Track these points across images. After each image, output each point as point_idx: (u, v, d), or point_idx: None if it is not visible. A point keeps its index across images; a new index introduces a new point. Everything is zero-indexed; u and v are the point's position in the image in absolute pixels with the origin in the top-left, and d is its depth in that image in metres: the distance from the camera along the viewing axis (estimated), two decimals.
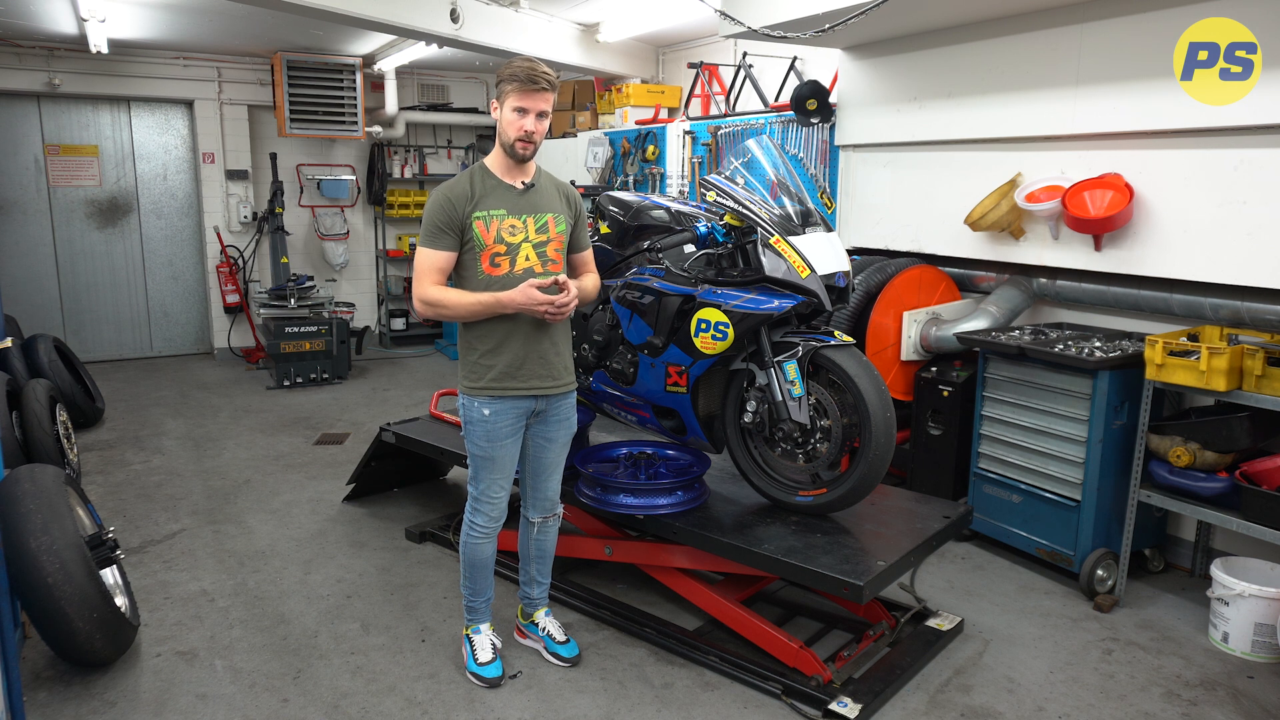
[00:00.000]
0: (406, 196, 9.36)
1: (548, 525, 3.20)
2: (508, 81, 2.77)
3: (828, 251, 3.09)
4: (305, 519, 4.64)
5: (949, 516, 3.33)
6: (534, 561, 3.25)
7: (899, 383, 4.59)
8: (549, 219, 2.91)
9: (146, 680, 3.13)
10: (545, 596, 3.33)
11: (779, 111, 5.81)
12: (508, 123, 2.80)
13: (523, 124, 2.78)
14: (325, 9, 5.31)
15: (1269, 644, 3.30)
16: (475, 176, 2.88)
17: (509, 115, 2.79)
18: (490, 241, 2.83)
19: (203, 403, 7.10)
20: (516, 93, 2.76)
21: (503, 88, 2.79)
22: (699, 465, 3.51)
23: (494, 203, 2.84)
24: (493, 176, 2.88)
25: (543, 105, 2.79)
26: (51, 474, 3.23)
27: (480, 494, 3.03)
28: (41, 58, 7.68)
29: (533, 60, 2.77)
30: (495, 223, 2.83)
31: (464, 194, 2.82)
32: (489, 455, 2.97)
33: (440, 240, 2.83)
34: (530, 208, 2.89)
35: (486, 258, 2.84)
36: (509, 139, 2.81)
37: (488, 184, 2.86)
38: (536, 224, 2.89)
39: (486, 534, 3.07)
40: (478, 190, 2.84)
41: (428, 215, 2.84)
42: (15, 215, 8.16)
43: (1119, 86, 3.84)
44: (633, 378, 3.53)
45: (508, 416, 2.94)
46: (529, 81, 2.74)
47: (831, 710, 2.88)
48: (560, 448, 3.11)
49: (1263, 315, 3.55)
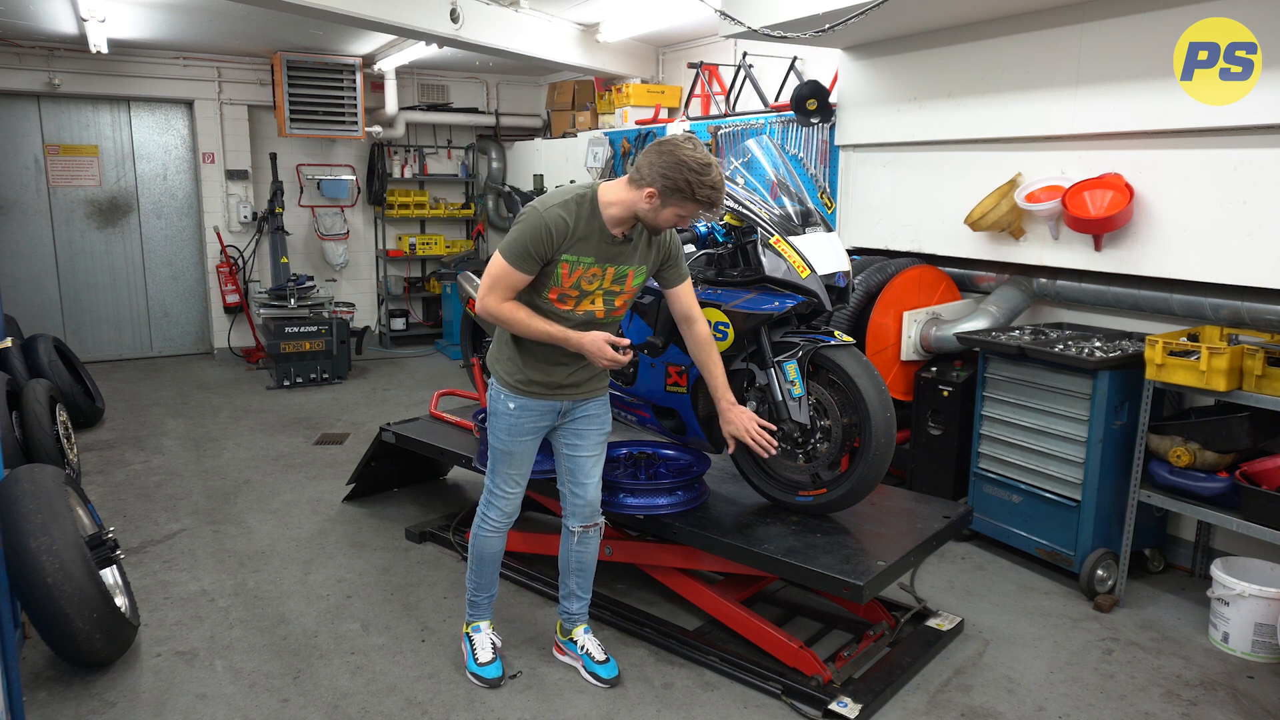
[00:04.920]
0: (406, 196, 9.36)
1: (589, 536, 3.10)
2: (684, 192, 2.57)
3: (828, 251, 3.10)
4: (305, 519, 4.64)
5: (949, 516, 3.33)
6: (574, 574, 3.16)
7: (899, 383, 4.59)
8: (630, 272, 2.80)
9: (146, 680, 3.13)
10: (585, 612, 3.24)
11: (779, 111, 5.81)
12: (663, 219, 2.66)
13: (675, 224, 2.70)
14: (325, 9, 5.31)
15: (1269, 644, 3.30)
16: (583, 210, 2.67)
17: (669, 215, 2.64)
18: (567, 286, 2.74)
19: (203, 403, 7.10)
20: (690, 205, 2.61)
21: (674, 194, 2.58)
22: (699, 465, 3.51)
23: (587, 249, 2.69)
24: (599, 218, 2.68)
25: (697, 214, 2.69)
26: (51, 474, 3.23)
27: (495, 487, 3.03)
28: (41, 58, 7.68)
29: (718, 182, 2.60)
30: (580, 270, 2.72)
31: (565, 230, 2.64)
32: (508, 449, 2.95)
33: (525, 264, 2.67)
34: (617, 258, 2.76)
35: (556, 294, 2.76)
36: (653, 224, 2.68)
37: (592, 225, 2.68)
38: (616, 275, 2.78)
39: (497, 529, 3.06)
40: (580, 230, 2.67)
41: (521, 234, 2.65)
42: (15, 215, 8.15)
43: (1119, 86, 3.84)
44: (633, 378, 3.53)
45: (532, 414, 2.91)
46: (708, 207, 2.63)
47: (831, 710, 2.88)
48: (593, 446, 3.02)
49: (1263, 315, 3.55)
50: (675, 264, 2.93)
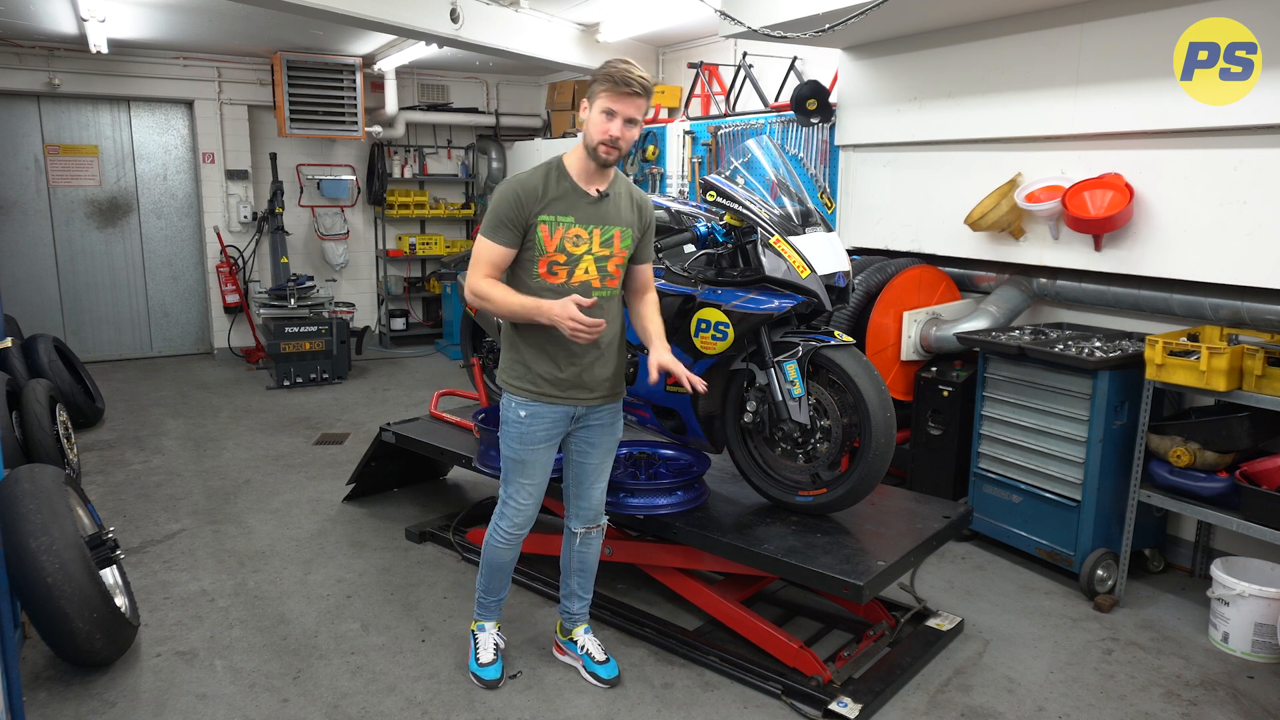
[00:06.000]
0: (406, 196, 9.35)
1: (590, 537, 3.09)
2: (600, 82, 2.63)
3: (828, 251, 3.10)
4: (305, 519, 4.64)
5: (949, 516, 3.33)
6: (575, 575, 3.15)
7: (899, 383, 4.59)
8: (616, 233, 2.77)
9: (146, 680, 3.13)
10: (585, 612, 3.23)
11: (779, 111, 5.81)
12: (594, 124, 2.66)
13: (609, 127, 2.64)
14: (325, 9, 5.30)
15: (1269, 644, 3.30)
16: (551, 175, 2.72)
17: (596, 117, 2.65)
18: (551, 249, 2.70)
19: (203, 403, 7.10)
20: (608, 94, 2.62)
21: (594, 88, 2.65)
22: (699, 465, 3.51)
23: (563, 208, 2.70)
24: (568, 178, 2.72)
25: (633, 111, 2.64)
26: (51, 474, 3.23)
27: (508, 498, 2.95)
28: (41, 58, 7.68)
29: (630, 63, 2.63)
30: (560, 230, 2.70)
31: (535, 192, 2.68)
32: (520, 458, 2.88)
33: (501, 234, 2.69)
34: (599, 218, 2.74)
35: (544, 264, 2.72)
36: (593, 141, 2.67)
37: (562, 185, 2.71)
38: (603, 236, 2.75)
39: (509, 540, 2.99)
40: (551, 190, 2.70)
41: (493, 206, 2.71)
42: (15, 215, 8.15)
43: (1119, 86, 3.84)
44: (633, 378, 3.53)
45: (544, 421, 2.83)
46: (622, 84, 2.60)
47: (831, 710, 2.88)
48: (603, 454, 2.99)
49: (1263, 315, 3.55)
50: (648, 240, 2.93)
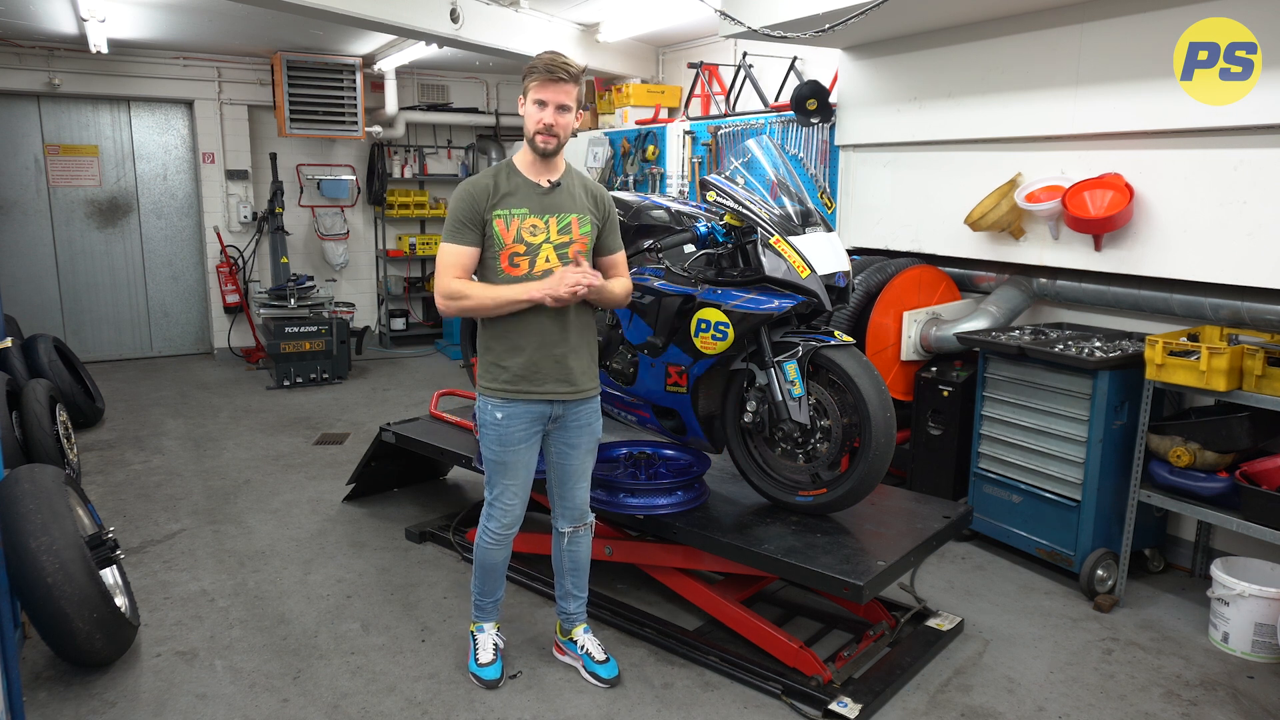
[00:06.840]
0: (406, 196, 9.35)
1: (579, 536, 3.11)
2: (529, 75, 2.74)
3: (828, 251, 3.09)
4: (305, 519, 4.64)
5: (949, 516, 3.33)
6: (568, 575, 3.16)
7: (899, 383, 4.59)
8: (573, 219, 2.84)
9: (146, 680, 3.13)
10: (583, 611, 3.23)
11: (779, 111, 5.81)
12: (529, 116, 2.76)
13: (542, 116, 2.73)
14: (325, 9, 5.31)
15: (1269, 644, 3.30)
16: (501, 173, 2.84)
17: (530, 108, 2.75)
18: (509, 241, 2.78)
19: (203, 403, 7.10)
20: (538, 85, 2.72)
21: (526, 82, 2.75)
22: (699, 465, 3.51)
23: (516, 201, 2.79)
24: (518, 174, 2.83)
25: (563, 98, 2.72)
26: (51, 474, 3.23)
27: (494, 499, 2.97)
28: (41, 58, 7.68)
29: (555, 52, 2.74)
30: (516, 222, 2.78)
31: (486, 189, 2.78)
32: (501, 460, 2.90)
33: (462, 235, 2.78)
34: (554, 208, 2.83)
35: (505, 257, 2.79)
36: (529, 132, 2.77)
37: (513, 181, 2.81)
38: (559, 224, 2.82)
39: (498, 541, 3.01)
40: (502, 187, 2.80)
41: (451, 209, 2.80)
42: (15, 215, 8.15)
43: (1119, 86, 3.84)
44: (633, 378, 3.53)
45: (521, 421, 2.86)
46: (547, 72, 2.70)
47: (831, 710, 2.88)
48: (584, 454, 3.01)
49: (1263, 315, 3.55)
50: (612, 229, 2.98)
